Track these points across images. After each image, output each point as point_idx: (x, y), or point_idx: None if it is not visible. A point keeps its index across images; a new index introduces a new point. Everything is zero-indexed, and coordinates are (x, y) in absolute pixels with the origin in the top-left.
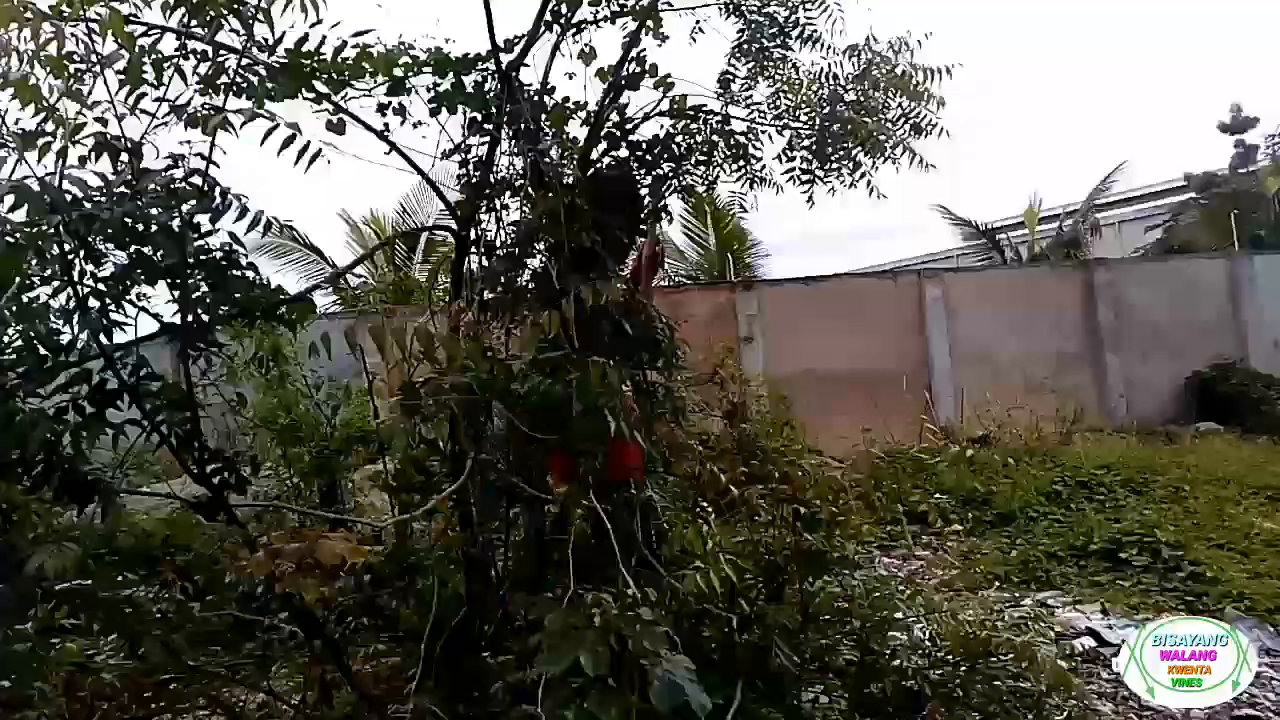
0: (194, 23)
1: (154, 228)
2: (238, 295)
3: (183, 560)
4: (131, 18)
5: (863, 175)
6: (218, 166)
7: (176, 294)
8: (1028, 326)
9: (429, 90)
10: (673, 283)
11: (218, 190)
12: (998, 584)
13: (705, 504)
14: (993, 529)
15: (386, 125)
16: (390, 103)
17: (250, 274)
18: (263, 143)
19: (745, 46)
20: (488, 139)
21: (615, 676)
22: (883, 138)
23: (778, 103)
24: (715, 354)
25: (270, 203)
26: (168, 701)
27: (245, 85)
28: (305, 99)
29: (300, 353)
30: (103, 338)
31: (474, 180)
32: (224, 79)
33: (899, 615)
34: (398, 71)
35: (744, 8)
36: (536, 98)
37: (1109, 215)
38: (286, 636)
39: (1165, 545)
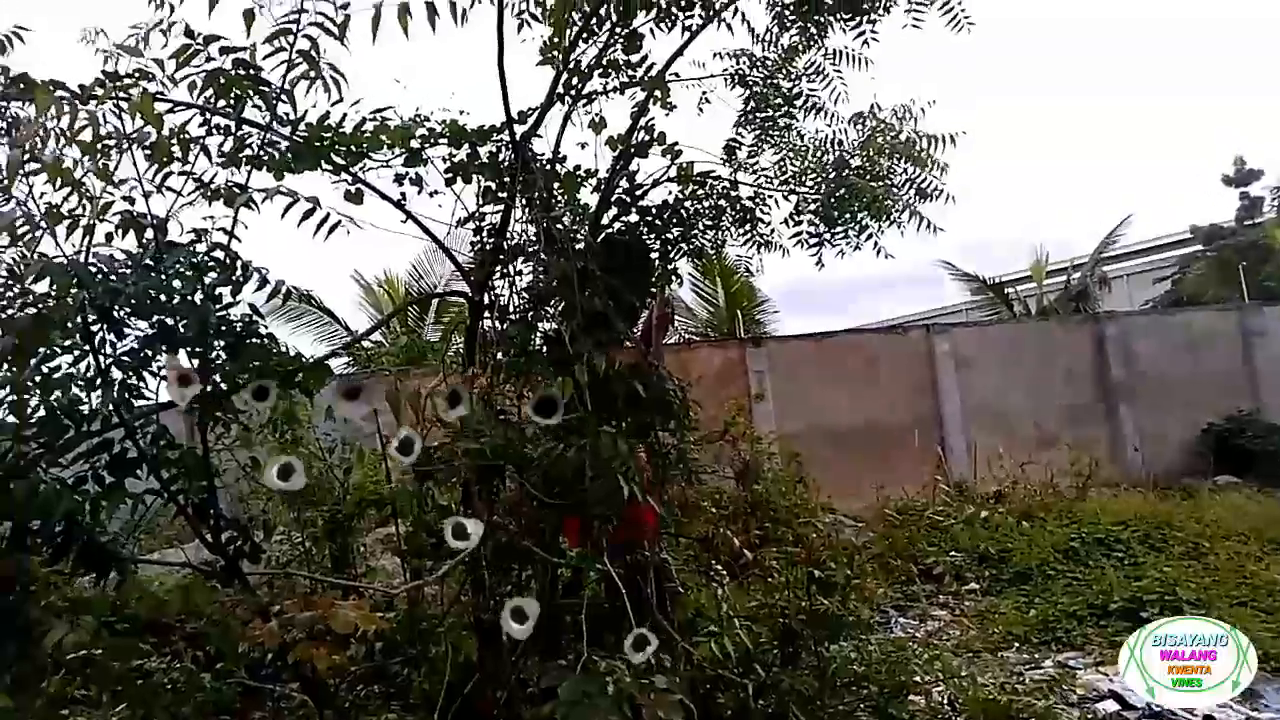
0: (219, 101)
1: (177, 300)
2: (256, 363)
3: (193, 627)
4: (158, 96)
5: (869, 237)
6: (239, 241)
7: (196, 362)
8: (1039, 380)
9: (444, 160)
10: (682, 340)
11: (239, 263)
12: (1017, 645)
13: (719, 566)
14: (1010, 587)
15: (403, 194)
16: (407, 173)
17: (267, 342)
18: (283, 216)
19: (751, 115)
20: (502, 207)
21: None
22: (889, 203)
23: (784, 168)
24: (726, 411)
25: (282, 263)
26: None
27: (267, 158)
28: (324, 170)
29: (314, 415)
30: (123, 408)
31: (488, 246)
32: (247, 153)
33: (917, 679)
34: (414, 143)
35: (749, 79)
36: (549, 166)
37: (1117, 268)
38: (296, 705)
39: (1187, 604)
